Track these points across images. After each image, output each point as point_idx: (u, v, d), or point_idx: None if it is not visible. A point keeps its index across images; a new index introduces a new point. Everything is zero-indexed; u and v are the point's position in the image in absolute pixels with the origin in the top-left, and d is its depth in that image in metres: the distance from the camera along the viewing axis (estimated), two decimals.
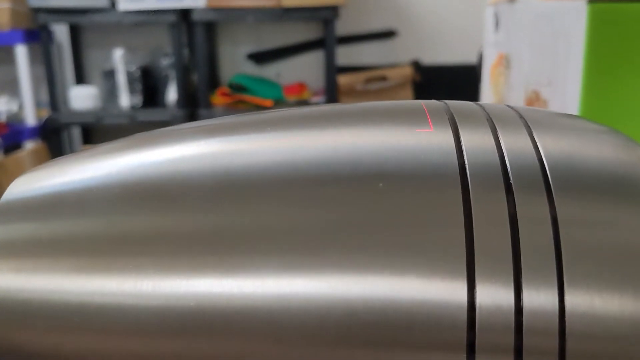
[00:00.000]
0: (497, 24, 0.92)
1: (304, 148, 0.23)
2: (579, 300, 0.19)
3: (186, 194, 0.22)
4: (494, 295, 0.19)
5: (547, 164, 0.21)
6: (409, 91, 2.20)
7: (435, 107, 0.24)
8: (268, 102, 2.13)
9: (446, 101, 0.25)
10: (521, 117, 0.23)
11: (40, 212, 0.23)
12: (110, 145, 0.25)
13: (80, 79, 2.31)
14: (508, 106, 0.25)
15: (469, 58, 2.12)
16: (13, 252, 0.22)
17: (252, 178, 0.22)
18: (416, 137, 0.22)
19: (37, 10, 2.02)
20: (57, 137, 2.20)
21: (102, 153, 0.25)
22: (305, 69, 2.34)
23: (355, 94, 2.14)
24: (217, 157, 0.23)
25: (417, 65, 2.26)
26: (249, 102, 2.14)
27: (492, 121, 0.23)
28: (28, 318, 0.21)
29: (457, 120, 0.23)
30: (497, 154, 0.21)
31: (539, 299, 0.19)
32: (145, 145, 0.25)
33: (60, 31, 2.28)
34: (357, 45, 2.31)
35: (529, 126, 0.23)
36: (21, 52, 2.04)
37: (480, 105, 0.24)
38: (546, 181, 0.21)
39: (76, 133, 2.36)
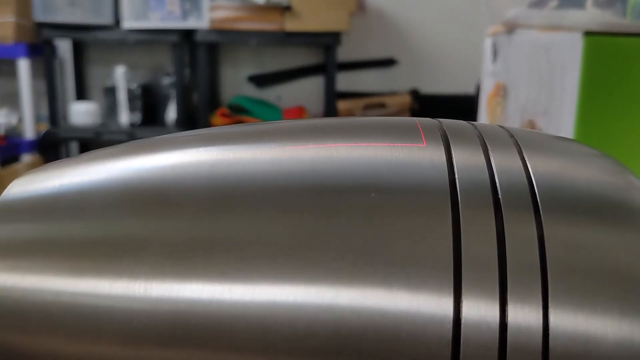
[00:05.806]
0: (495, 54, 0.94)
1: (299, 159, 0.23)
2: (562, 319, 0.19)
3: (181, 200, 0.22)
4: (479, 311, 0.19)
5: (536, 183, 0.21)
6: None
7: (428, 124, 0.24)
8: None
9: (439, 119, 0.25)
10: (512, 136, 0.24)
11: (38, 213, 0.23)
12: (110, 150, 0.26)
13: (81, 94, 2.32)
14: (500, 126, 0.25)
15: (467, 88, 2.14)
16: (8, 251, 0.22)
17: (247, 187, 0.22)
18: (409, 152, 0.22)
19: (42, 25, 2.04)
20: (54, 152, 2.21)
21: (101, 157, 0.25)
22: (306, 93, 2.36)
23: None
24: (214, 165, 0.23)
25: (415, 94, 2.29)
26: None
27: (483, 139, 0.23)
28: (21, 317, 0.21)
29: (449, 137, 0.23)
30: (487, 171, 0.22)
31: (524, 316, 0.19)
32: (143, 151, 0.25)
33: (64, 46, 2.30)
34: (357, 71, 2.34)
35: (519, 145, 0.23)
36: (23, 66, 2.06)
37: (473, 124, 0.25)
38: (534, 200, 0.21)
39: (74, 148, 2.36)
